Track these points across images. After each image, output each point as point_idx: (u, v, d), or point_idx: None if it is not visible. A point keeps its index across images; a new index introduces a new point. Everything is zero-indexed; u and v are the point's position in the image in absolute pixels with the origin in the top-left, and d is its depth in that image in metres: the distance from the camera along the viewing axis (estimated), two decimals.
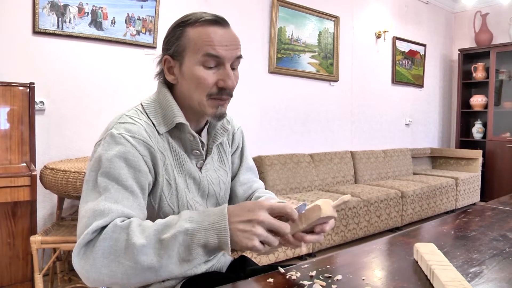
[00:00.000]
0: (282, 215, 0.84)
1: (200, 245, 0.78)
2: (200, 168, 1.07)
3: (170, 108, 0.99)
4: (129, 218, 0.83)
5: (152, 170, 0.95)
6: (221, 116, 1.00)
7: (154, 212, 0.97)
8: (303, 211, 0.89)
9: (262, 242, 0.80)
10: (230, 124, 1.17)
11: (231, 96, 1.00)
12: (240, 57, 0.99)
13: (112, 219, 0.81)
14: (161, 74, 1.04)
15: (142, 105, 1.02)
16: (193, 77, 0.95)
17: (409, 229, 1.35)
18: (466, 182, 4.92)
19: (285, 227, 0.81)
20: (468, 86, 5.88)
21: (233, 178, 1.20)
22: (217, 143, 1.10)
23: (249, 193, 1.20)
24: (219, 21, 0.96)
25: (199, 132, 1.06)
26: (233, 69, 0.99)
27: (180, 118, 0.99)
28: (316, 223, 0.90)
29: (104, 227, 0.80)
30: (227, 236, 0.77)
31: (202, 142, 1.05)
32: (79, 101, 2.73)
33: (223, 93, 0.97)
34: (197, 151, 1.04)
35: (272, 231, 0.81)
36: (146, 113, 0.99)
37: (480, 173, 5.25)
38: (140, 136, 0.93)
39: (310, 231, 0.92)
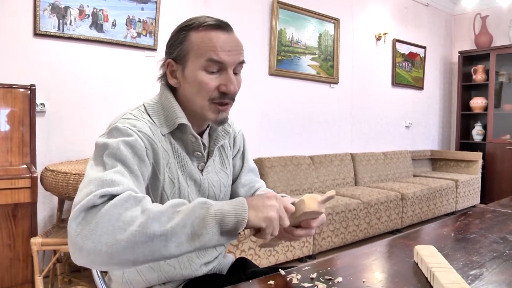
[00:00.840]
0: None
1: (215, 220, 0.75)
2: (201, 170, 1.07)
3: (172, 109, 1.00)
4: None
5: (153, 165, 0.95)
6: (223, 121, 1.01)
7: None
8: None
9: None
10: (231, 127, 1.17)
11: (233, 100, 1.00)
12: (242, 62, 1.00)
13: (124, 190, 0.76)
14: (163, 77, 1.05)
15: (144, 106, 1.02)
16: (195, 81, 0.96)
17: (409, 231, 1.35)
18: (466, 184, 4.92)
19: (287, 218, 0.85)
20: (468, 88, 5.89)
21: (234, 181, 1.20)
22: (218, 145, 1.11)
23: (251, 193, 1.20)
24: (222, 26, 0.96)
25: (200, 134, 1.07)
26: (235, 73, 0.99)
27: (182, 119, 0.99)
28: (304, 217, 0.92)
29: (113, 196, 0.74)
30: (245, 212, 0.78)
31: (203, 144, 1.05)
32: (80, 103, 2.74)
33: (225, 97, 0.97)
34: (199, 153, 1.04)
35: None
36: (149, 114, 1.00)
37: (480, 175, 5.25)
38: (145, 131, 0.93)
39: (299, 226, 0.95)
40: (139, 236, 0.70)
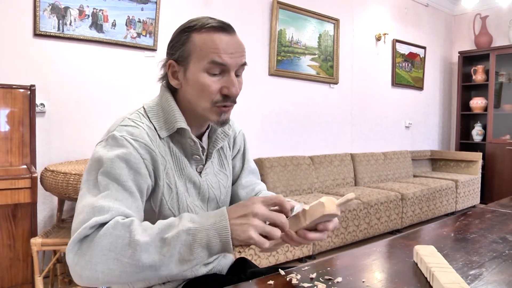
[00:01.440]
0: (278, 207, 0.85)
1: (201, 246, 0.78)
2: (200, 173, 1.07)
3: (172, 112, 0.99)
4: (128, 218, 0.82)
5: (153, 174, 0.94)
6: (225, 123, 1.01)
7: (154, 216, 0.96)
8: (301, 210, 0.89)
9: (264, 236, 0.80)
10: (231, 128, 1.16)
11: (235, 102, 1.00)
12: (244, 64, 0.99)
13: (112, 217, 0.79)
14: (164, 77, 1.04)
15: (144, 108, 1.02)
16: (197, 84, 0.95)
17: (409, 232, 1.35)
18: (466, 184, 4.92)
19: (282, 217, 0.82)
20: (468, 88, 5.89)
21: (235, 182, 1.20)
22: (217, 148, 1.10)
23: (251, 196, 1.19)
24: (225, 28, 0.96)
25: (200, 137, 1.07)
26: (237, 75, 0.98)
27: (182, 123, 0.99)
28: (320, 220, 0.90)
29: (103, 224, 0.78)
30: (228, 235, 0.78)
31: (202, 147, 1.05)
32: (80, 103, 2.74)
33: (227, 100, 0.97)
34: (197, 156, 1.04)
35: (271, 224, 0.82)
36: (148, 117, 0.99)
37: (480, 175, 5.25)
38: (142, 140, 0.93)
39: (313, 229, 0.92)
40: (130, 267, 0.75)
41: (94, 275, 0.75)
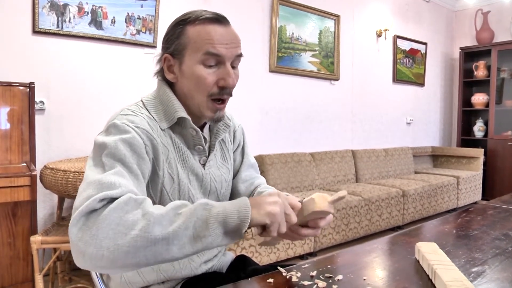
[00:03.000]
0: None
1: (218, 221, 0.75)
2: (203, 165, 1.06)
3: (171, 103, 0.99)
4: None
5: (152, 161, 0.93)
6: (219, 120, 1.01)
7: None
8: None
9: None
10: (231, 121, 1.16)
11: (231, 95, 0.99)
12: (240, 55, 0.99)
13: (123, 193, 0.75)
14: (160, 72, 1.04)
15: (142, 101, 1.01)
16: (193, 76, 0.95)
17: (410, 228, 1.34)
18: (467, 180, 4.91)
19: (294, 214, 0.85)
20: (469, 84, 5.86)
21: (234, 176, 1.19)
22: (219, 139, 1.09)
23: (251, 190, 1.19)
24: (219, 19, 0.95)
25: (201, 128, 1.06)
26: (233, 67, 0.98)
27: (182, 112, 0.98)
28: (312, 217, 0.90)
29: (113, 199, 0.74)
30: (248, 211, 0.77)
31: (204, 137, 1.04)
32: (79, 100, 2.73)
33: (223, 92, 0.96)
34: (200, 146, 1.03)
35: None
36: (147, 109, 0.99)
37: (482, 171, 5.23)
38: (143, 127, 0.92)
39: (306, 225, 0.92)
40: (141, 241, 0.70)
41: (99, 251, 0.69)
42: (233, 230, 0.76)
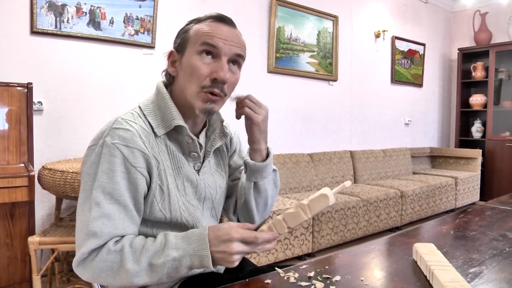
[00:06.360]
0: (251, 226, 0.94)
1: (186, 267, 0.88)
2: (198, 171, 1.06)
3: (168, 110, 0.99)
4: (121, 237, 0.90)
5: (148, 179, 0.95)
6: (209, 112, 0.99)
7: (146, 216, 0.97)
8: (307, 202, 0.91)
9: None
10: (228, 129, 1.16)
11: (225, 94, 0.99)
12: (240, 56, 1.00)
13: (104, 242, 0.87)
14: (166, 69, 1.07)
15: (140, 107, 1.01)
16: (189, 67, 0.97)
17: (408, 229, 1.34)
18: (465, 181, 4.92)
19: (258, 235, 0.89)
20: (468, 85, 5.87)
21: (238, 177, 1.19)
22: (215, 147, 1.10)
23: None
24: (224, 19, 0.99)
25: (197, 135, 1.06)
26: (233, 65, 1.00)
27: (179, 120, 0.98)
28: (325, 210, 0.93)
29: (97, 248, 0.87)
30: (210, 262, 0.87)
31: (200, 144, 1.04)
32: (77, 101, 2.72)
33: (215, 86, 0.96)
34: (195, 153, 1.03)
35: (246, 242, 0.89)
36: (144, 115, 0.99)
37: (480, 172, 5.24)
38: (135, 145, 0.91)
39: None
40: (128, 283, 0.88)
41: (99, 282, 0.93)
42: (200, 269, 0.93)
